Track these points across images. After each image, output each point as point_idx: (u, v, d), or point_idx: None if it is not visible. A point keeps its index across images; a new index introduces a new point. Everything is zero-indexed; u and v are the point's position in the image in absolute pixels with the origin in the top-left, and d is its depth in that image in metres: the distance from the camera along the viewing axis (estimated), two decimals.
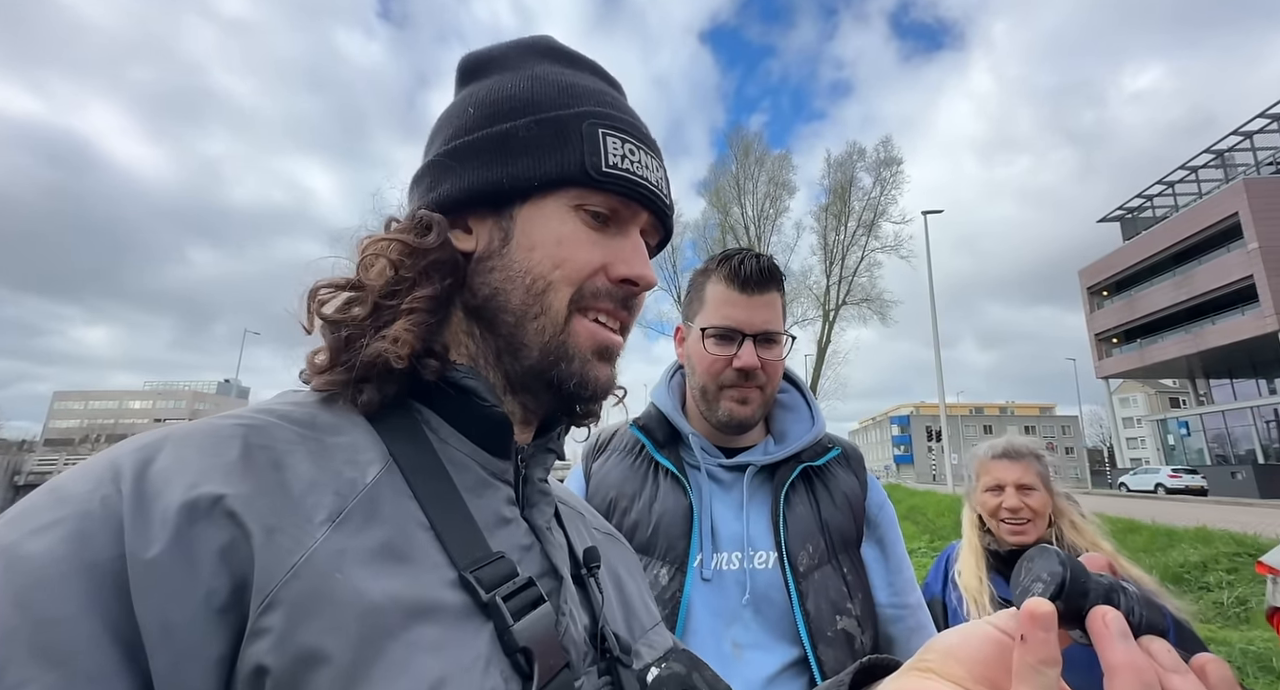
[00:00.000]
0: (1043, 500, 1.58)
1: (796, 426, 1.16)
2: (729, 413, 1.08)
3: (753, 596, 1.00)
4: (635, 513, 1.07)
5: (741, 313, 1.07)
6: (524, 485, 0.53)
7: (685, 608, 0.99)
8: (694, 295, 1.15)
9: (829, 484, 1.11)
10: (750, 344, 1.06)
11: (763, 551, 1.03)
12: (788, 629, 0.98)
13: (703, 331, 1.09)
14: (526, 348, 0.51)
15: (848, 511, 1.09)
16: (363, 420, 0.47)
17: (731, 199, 30.55)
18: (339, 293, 0.50)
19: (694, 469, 1.11)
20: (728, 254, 1.11)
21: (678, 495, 1.07)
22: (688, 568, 1.01)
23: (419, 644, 0.37)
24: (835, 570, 1.04)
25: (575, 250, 0.51)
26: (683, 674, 0.46)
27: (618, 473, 1.13)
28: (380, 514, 0.41)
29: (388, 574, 0.38)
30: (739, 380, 1.07)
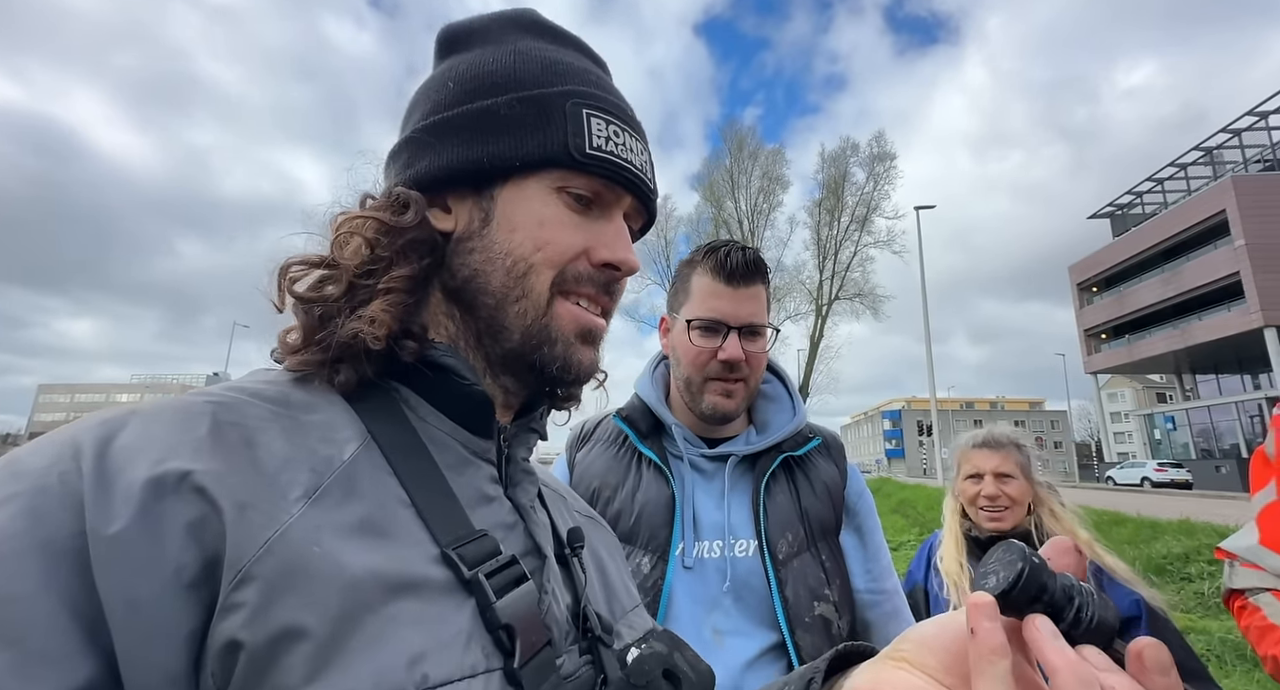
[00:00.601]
0: (1020, 489, 1.62)
1: (778, 417, 1.17)
2: (713, 405, 1.09)
3: (733, 584, 1.01)
4: (618, 502, 1.08)
5: (727, 305, 1.08)
6: (507, 464, 0.53)
7: (667, 595, 1.01)
8: (679, 286, 1.16)
9: (809, 473, 1.13)
10: (735, 336, 1.07)
11: (743, 540, 1.05)
12: (766, 615, 1.00)
13: (688, 323, 1.09)
14: (507, 330, 0.51)
15: (827, 500, 1.11)
16: (339, 399, 0.47)
17: (725, 193, 30.58)
18: (311, 270, 0.49)
19: (676, 459, 1.12)
20: (713, 246, 1.11)
21: (660, 485, 1.08)
22: (669, 556, 1.03)
23: (399, 618, 0.36)
24: (814, 557, 1.06)
25: (557, 233, 0.51)
26: (665, 653, 0.46)
27: (601, 463, 1.15)
28: (359, 491, 0.41)
29: (368, 549, 0.38)
30: (724, 372, 1.08)
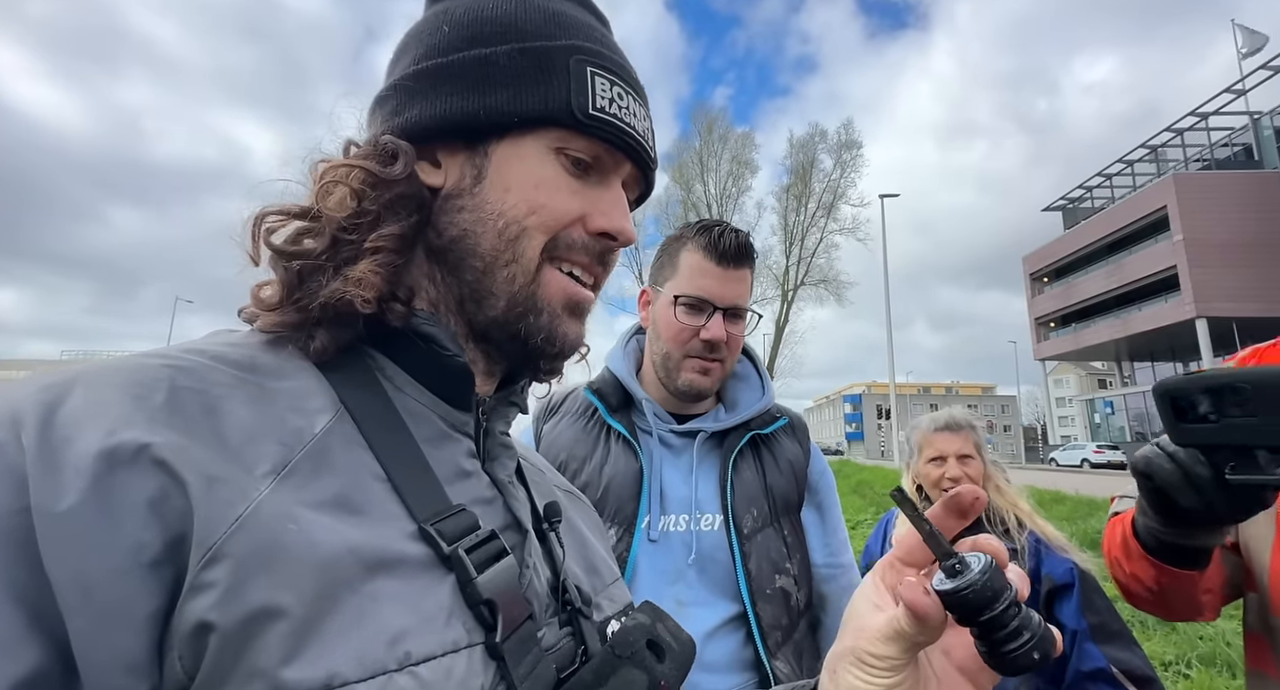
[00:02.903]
0: (978, 468, 1.71)
1: (747, 395, 1.19)
2: (689, 383, 1.10)
3: (698, 556, 1.04)
4: (585, 475, 1.09)
5: (715, 285, 1.08)
6: (485, 438, 0.51)
7: (632, 567, 1.03)
8: (666, 260, 1.15)
9: (775, 451, 1.16)
10: (720, 317, 1.08)
11: (709, 514, 1.07)
12: (729, 587, 1.03)
13: (675, 299, 1.09)
14: (493, 296, 0.48)
15: (791, 478, 1.14)
16: (310, 366, 0.44)
17: (694, 176, 30.50)
18: (289, 221, 0.45)
19: (645, 433, 1.13)
20: (706, 225, 1.11)
21: (628, 459, 1.09)
22: (636, 529, 1.04)
23: (379, 596, 0.35)
24: (776, 532, 1.09)
25: (553, 196, 0.48)
26: (648, 624, 0.46)
27: (569, 435, 1.15)
28: (331, 465, 0.39)
29: (344, 526, 0.36)
30: (704, 351, 1.09)
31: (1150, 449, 0.64)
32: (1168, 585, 0.83)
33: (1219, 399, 0.54)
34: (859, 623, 0.41)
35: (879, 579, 0.43)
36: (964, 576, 0.35)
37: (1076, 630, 1.40)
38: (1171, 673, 3.63)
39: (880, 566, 0.44)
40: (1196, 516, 0.65)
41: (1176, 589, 0.84)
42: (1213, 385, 0.54)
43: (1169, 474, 0.61)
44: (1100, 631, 1.39)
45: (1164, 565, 0.81)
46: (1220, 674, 3.53)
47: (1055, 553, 1.52)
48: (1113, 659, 1.34)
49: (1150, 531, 0.78)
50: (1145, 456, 0.64)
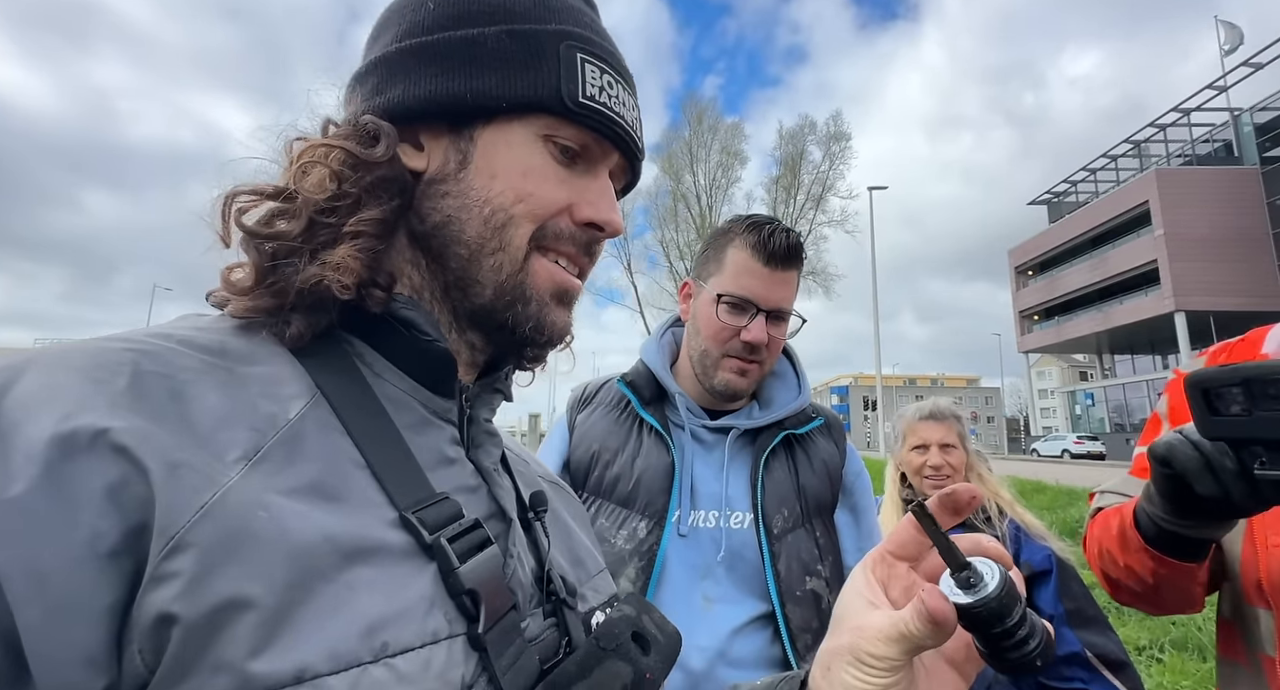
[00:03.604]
0: (960, 457, 1.75)
1: (783, 394, 1.17)
2: (726, 383, 1.08)
3: (727, 554, 1.03)
4: (617, 467, 1.09)
5: (761, 286, 1.05)
6: (469, 425, 0.50)
7: (661, 561, 1.03)
8: (712, 255, 1.12)
9: (809, 451, 1.14)
10: (762, 319, 1.05)
11: (739, 512, 1.06)
12: (758, 586, 1.02)
13: (718, 297, 1.07)
14: (479, 285, 0.47)
15: (825, 478, 1.12)
16: (283, 351, 0.42)
17: (684, 166, 30.35)
18: (262, 202, 0.44)
19: (678, 428, 1.12)
20: (757, 221, 1.08)
21: (660, 452, 1.09)
22: (666, 523, 1.05)
23: (355, 585, 0.34)
24: (808, 533, 1.07)
25: (541, 185, 0.47)
26: (633, 616, 0.45)
27: (602, 426, 1.14)
28: (306, 451, 0.37)
29: (319, 513, 0.35)
30: (743, 352, 1.06)
31: (1173, 435, 0.64)
32: (1165, 577, 0.82)
33: (1253, 392, 0.53)
34: (857, 621, 0.40)
35: (870, 573, 0.43)
36: (980, 592, 0.35)
37: (1053, 615, 1.44)
38: (1145, 657, 3.73)
39: (870, 560, 0.44)
40: (1211, 506, 0.64)
41: (1173, 581, 0.83)
42: (1250, 377, 0.53)
43: (1192, 461, 0.60)
44: (1076, 617, 1.43)
45: (1164, 557, 0.79)
46: (1191, 658, 3.63)
47: (1034, 540, 1.57)
48: (1088, 643, 1.38)
49: (1154, 521, 0.77)
50: (1167, 443, 0.64)
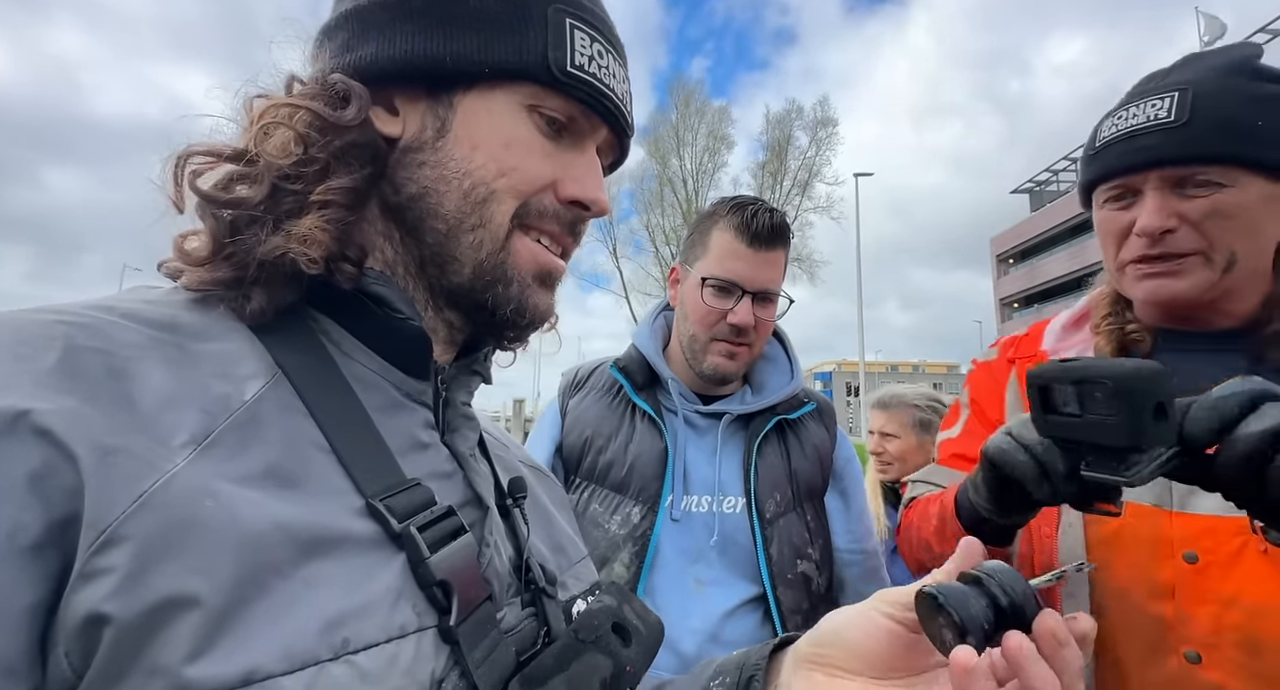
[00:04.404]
0: (903, 447, 1.83)
1: (775, 379, 1.18)
2: (715, 366, 1.09)
3: (720, 538, 1.04)
4: (611, 452, 1.09)
5: (745, 268, 1.05)
6: (444, 408, 0.48)
7: (654, 545, 1.03)
8: (697, 239, 1.12)
9: (801, 436, 1.15)
10: (748, 301, 1.05)
11: (732, 497, 1.07)
12: (750, 569, 1.04)
13: (702, 281, 1.07)
14: (458, 262, 0.45)
15: (816, 463, 1.14)
16: (241, 327, 0.39)
17: (670, 150, 30.14)
18: (219, 164, 0.41)
19: (670, 413, 1.13)
20: (741, 202, 1.08)
21: (653, 438, 1.09)
22: (659, 508, 1.05)
23: (314, 579, 0.32)
24: (799, 517, 1.09)
25: (525, 158, 0.44)
26: (614, 606, 0.44)
27: (595, 411, 1.15)
28: (263, 436, 0.35)
29: (275, 501, 0.33)
30: (730, 335, 1.07)
31: (1003, 439, 0.65)
32: None
33: (1083, 392, 0.53)
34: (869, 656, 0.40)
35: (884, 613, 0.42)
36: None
37: None
38: None
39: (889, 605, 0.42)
40: (1035, 502, 0.66)
41: None
42: (1078, 378, 0.53)
43: (1024, 466, 0.61)
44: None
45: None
46: None
47: None
48: None
49: (974, 510, 0.78)
50: (998, 447, 0.65)
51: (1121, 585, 0.75)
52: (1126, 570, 0.75)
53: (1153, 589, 0.73)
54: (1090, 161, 0.85)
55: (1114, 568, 0.76)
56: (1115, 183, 0.81)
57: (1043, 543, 0.81)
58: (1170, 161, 0.75)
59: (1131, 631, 0.74)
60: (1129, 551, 0.75)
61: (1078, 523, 0.78)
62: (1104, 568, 0.76)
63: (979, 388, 1.01)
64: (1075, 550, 0.77)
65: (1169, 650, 0.71)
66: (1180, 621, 0.71)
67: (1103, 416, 0.51)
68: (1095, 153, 0.83)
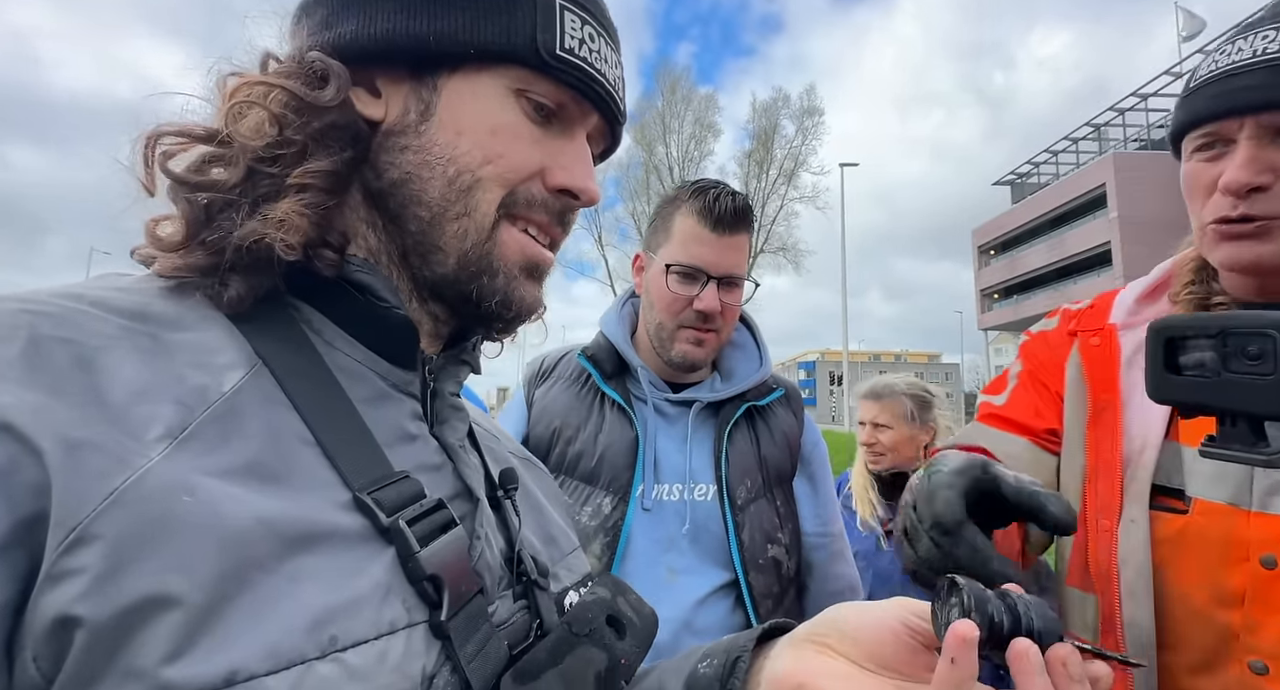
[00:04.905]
0: (895, 437, 1.83)
1: (744, 366, 1.18)
2: (683, 354, 1.08)
3: (691, 526, 1.04)
4: (580, 442, 1.08)
5: (709, 253, 1.04)
6: (433, 399, 0.47)
7: (626, 535, 1.03)
8: (660, 224, 1.11)
9: (770, 422, 1.15)
10: (714, 286, 1.04)
11: (703, 484, 1.07)
12: (721, 556, 1.05)
13: (667, 268, 1.06)
14: (441, 252, 0.43)
15: (785, 449, 1.15)
16: (218, 316, 0.38)
17: (656, 137, 29.95)
18: (192, 145, 0.39)
19: (640, 401, 1.12)
20: (702, 186, 1.06)
21: (623, 427, 1.08)
22: (630, 497, 1.04)
23: (300, 575, 0.31)
24: (769, 503, 1.10)
25: (512, 145, 0.43)
26: (608, 598, 0.43)
27: (563, 401, 1.13)
28: (244, 428, 0.34)
29: (258, 496, 0.32)
30: (697, 322, 1.06)
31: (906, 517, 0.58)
32: None
33: (1229, 347, 0.44)
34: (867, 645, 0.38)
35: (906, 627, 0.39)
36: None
37: None
38: None
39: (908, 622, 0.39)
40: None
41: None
42: (1224, 327, 0.44)
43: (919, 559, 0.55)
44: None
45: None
46: None
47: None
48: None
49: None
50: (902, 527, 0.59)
51: (1184, 589, 0.69)
52: (1192, 572, 0.68)
53: (1220, 594, 0.66)
54: (1180, 105, 0.74)
55: (1178, 569, 0.69)
56: (1205, 130, 0.70)
57: (1100, 537, 0.75)
58: (1274, 105, 0.64)
59: (1191, 637, 0.68)
60: (1197, 552, 0.68)
61: (1142, 518, 0.71)
62: (1166, 567, 0.70)
63: (1034, 358, 0.92)
64: (1137, 547, 0.71)
65: (1232, 659, 0.66)
66: (1248, 630, 0.65)
67: (1251, 376, 0.42)
68: (1187, 95, 0.72)
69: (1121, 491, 0.73)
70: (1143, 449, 0.73)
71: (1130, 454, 0.74)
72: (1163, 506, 0.56)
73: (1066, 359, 0.87)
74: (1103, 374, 0.80)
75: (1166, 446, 0.72)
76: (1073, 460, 0.83)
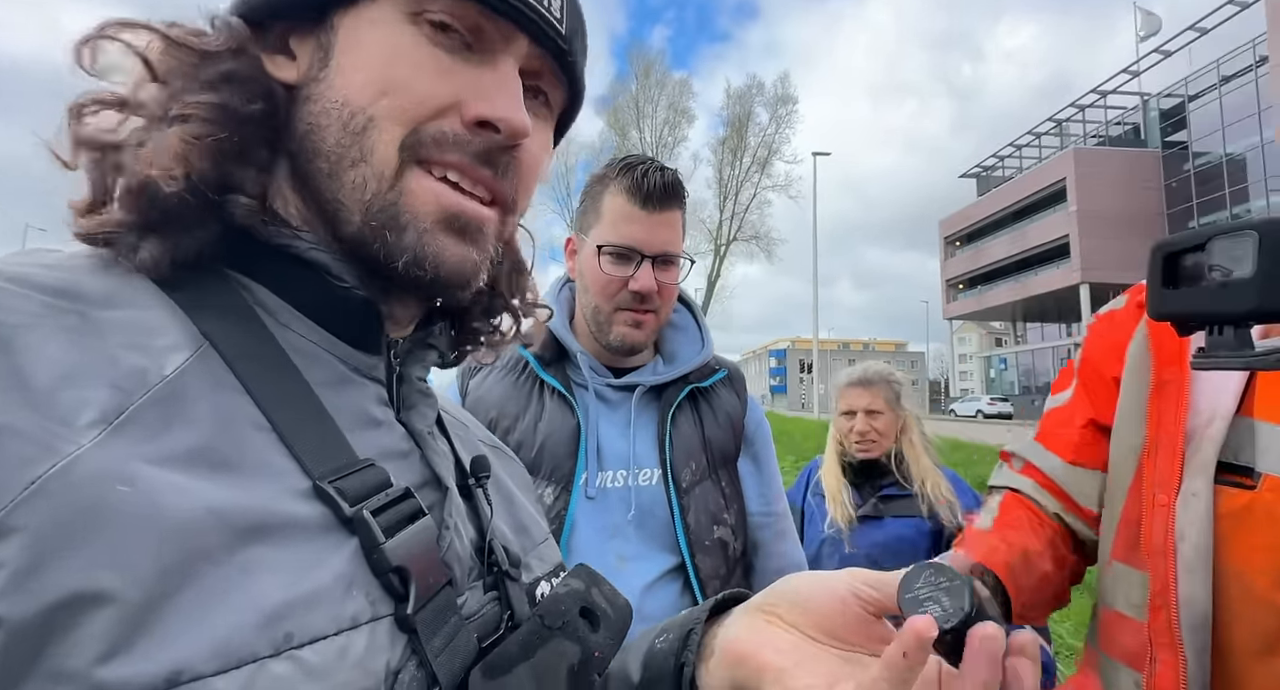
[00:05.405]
0: (888, 422, 1.81)
1: (687, 348, 1.16)
2: (622, 336, 1.05)
3: (637, 512, 1.03)
4: (519, 433, 1.05)
5: (641, 231, 1.01)
6: (399, 384, 0.44)
7: (569, 525, 1.01)
8: (589, 205, 1.08)
9: (714, 404, 1.15)
10: (649, 266, 1.02)
11: (647, 469, 1.05)
12: (668, 540, 1.04)
13: (598, 249, 1.02)
14: (345, 208, 0.39)
15: (729, 430, 1.14)
16: (159, 294, 0.35)
17: (630, 122, 29.73)
18: (102, 110, 0.37)
19: (581, 388, 1.09)
20: (629, 162, 1.02)
21: (564, 415, 1.06)
22: (573, 487, 1.02)
23: (252, 567, 0.29)
24: (715, 484, 1.09)
25: (411, 74, 0.38)
26: (582, 590, 0.42)
27: (499, 391, 1.10)
28: (189, 413, 0.31)
29: (206, 484, 0.29)
30: (634, 303, 1.03)
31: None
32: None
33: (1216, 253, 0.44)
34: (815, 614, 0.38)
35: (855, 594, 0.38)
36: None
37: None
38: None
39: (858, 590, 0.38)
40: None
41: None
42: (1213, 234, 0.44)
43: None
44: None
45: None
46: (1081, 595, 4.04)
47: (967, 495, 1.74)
48: None
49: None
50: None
51: (1244, 567, 0.66)
52: (1253, 551, 0.66)
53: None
54: None
55: (1240, 546, 0.67)
56: None
57: (1157, 512, 0.72)
58: None
59: (1248, 620, 0.66)
60: (1261, 530, 0.66)
61: (1205, 492, 0.69)
62: (1227, 544, 0.67)
63: (1095, 344, 0.91)
64: (1196, 521, 0.68)
65: None
66: None
67: (1233, 277, 0.42)
68: None
69: (1182, 465, 0.72)
70: (1210, 421, 0.71)
71: (1195, 427, 0.72)
72: (1228, 482, 0.54)
73: (1131, 335, 0.84)
74: (1171, 347, 0.78)
75: (1238, 421, 0.70)
76: (1128, 434, 0.81)
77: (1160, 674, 0.72)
